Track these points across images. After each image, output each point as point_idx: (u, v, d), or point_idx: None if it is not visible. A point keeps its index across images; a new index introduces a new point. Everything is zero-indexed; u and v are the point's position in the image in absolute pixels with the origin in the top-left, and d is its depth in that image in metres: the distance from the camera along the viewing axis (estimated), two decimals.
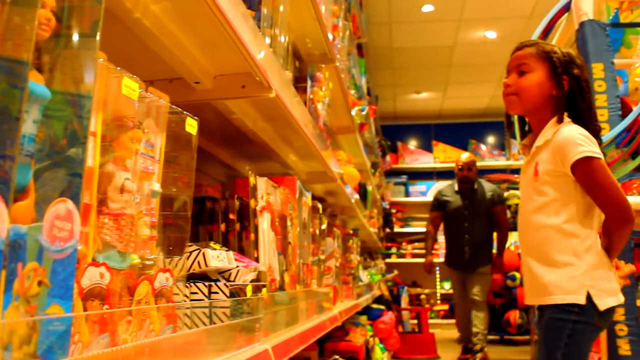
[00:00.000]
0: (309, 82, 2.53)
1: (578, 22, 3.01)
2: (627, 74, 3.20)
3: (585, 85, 2.05)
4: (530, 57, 2.07)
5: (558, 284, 1.91)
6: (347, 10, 4.25)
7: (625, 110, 2.85)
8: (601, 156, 1.92)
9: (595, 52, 2.94)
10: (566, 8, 3.31)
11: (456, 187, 6.33)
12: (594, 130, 2.00)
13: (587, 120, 2.01)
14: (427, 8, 7.25)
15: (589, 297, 1.89)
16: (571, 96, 2.03)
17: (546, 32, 3.49)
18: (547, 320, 1.95)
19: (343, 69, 3.49)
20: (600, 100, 2.87)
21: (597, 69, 2.91)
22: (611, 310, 1.95)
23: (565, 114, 2.03)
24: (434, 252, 6.91)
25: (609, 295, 1.93)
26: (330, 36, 2.84)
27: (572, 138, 1.94)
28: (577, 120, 2.02)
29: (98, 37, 0.74)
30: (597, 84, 2.88)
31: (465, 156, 6.37)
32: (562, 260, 1.92)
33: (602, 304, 1.89)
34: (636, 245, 2.79)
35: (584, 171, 1.92)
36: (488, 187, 6.31)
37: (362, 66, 5.97)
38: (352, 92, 4.44)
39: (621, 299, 1.98)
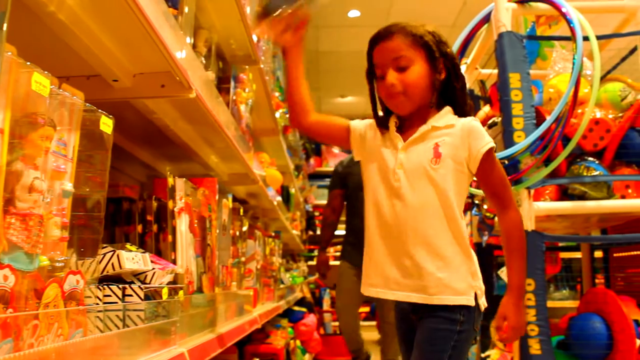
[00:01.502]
0: (232, 84, 2.51)
1: (497, 33, 3.09)
2: (542, 84, 3.31)
3: (457, 63, 1.91)
4: (406, 47, 1.86)
5: (449, 284, 1.77)
6: None
7: (540, 119, 2.95)
8: None
9: (513, 63, 3.02)
10: (486, 19, 3.40)
11: None
12: (468, 112, 1.91)
13: (462, 101, 1.90)
14: (354, 13, 7.33)
15: (475, 298, 1.80)
16: (446, 76, 1.89)
17: (467, 41, 3.58)
18: (429, 330, 1.81)
19: (268, 70, 3.48)
20: (517, 109, 2.96)
21: (514, 79, 2.99)
22: (483, 311, 1.86)
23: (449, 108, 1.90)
24: (332, 252, 5.39)
25: (483, 294, 1.85)
26: (254, 38, 2.83)
27: (479, 127, 1.85)
28: (452, 101, 1.90)
29: (5, 29, 0.72)
30: (513, 93, 2.97)
31: None
32: (454, 258, 1.79)
33: (482, 303, 1.83)
34: (547, 249, 2.90)
35: (490, 160, 1.84)
36: None
37: None
38: (277, 94, 4.44)
39: None
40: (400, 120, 1.94)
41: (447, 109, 1.90)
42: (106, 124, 1.12)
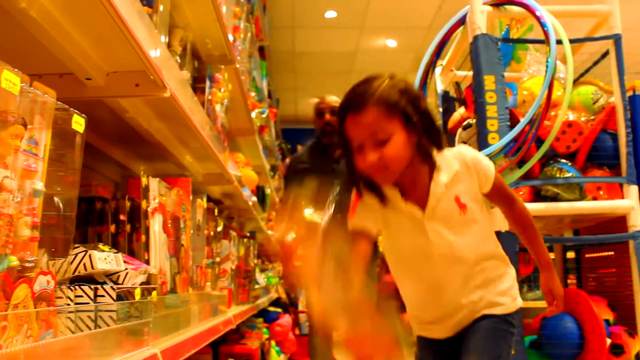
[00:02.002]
0: (207, 83, 2.50)
1: (472, 35, 3.12)
2: (516, 87, 3.35)
3: (430, 115, 1.76)
4: (382, 120, 1.67)
5: (510, 293, 1.87)
6: (249, 12, 4.23)
7: (514, 121, 2.98)
8: None
9: (487, 65, 3.05)
10: (461, 21, 3.43)
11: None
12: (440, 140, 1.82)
13: (438, 138, 1.78)
14: (330, 14, 7.34)
15: None
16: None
17: (442, 43, 3.60)
18: (488, 328, 1.82)
19: (243, 70, 3.47)
20: (491, 111, 2.98)
21: (489, 81, 3.02)
22: None
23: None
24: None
25: None
26: (230, 37, 2.82)
27: (476, 155, 1.85)
28: (431, 143, 1.78)
29: None
30: (488, 95, 3.00)
31: (334, 98, 3.98)
32: (505, 272, 1.89)
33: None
34: (520, 249, 2.92)
35: (498, 181, 1.87)
36: None
37: (264, 69, 5.97)
38: (253, 94, 4.43)
39: None
40: (394, 183, 1.82)
41: (440, 155, 1.80)
42: (78, 123, 1.11)
